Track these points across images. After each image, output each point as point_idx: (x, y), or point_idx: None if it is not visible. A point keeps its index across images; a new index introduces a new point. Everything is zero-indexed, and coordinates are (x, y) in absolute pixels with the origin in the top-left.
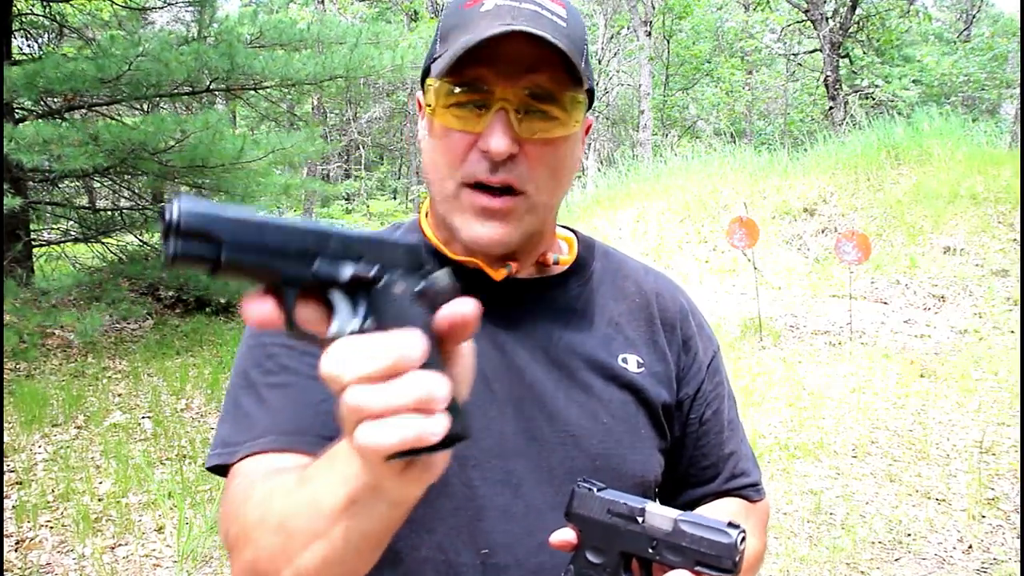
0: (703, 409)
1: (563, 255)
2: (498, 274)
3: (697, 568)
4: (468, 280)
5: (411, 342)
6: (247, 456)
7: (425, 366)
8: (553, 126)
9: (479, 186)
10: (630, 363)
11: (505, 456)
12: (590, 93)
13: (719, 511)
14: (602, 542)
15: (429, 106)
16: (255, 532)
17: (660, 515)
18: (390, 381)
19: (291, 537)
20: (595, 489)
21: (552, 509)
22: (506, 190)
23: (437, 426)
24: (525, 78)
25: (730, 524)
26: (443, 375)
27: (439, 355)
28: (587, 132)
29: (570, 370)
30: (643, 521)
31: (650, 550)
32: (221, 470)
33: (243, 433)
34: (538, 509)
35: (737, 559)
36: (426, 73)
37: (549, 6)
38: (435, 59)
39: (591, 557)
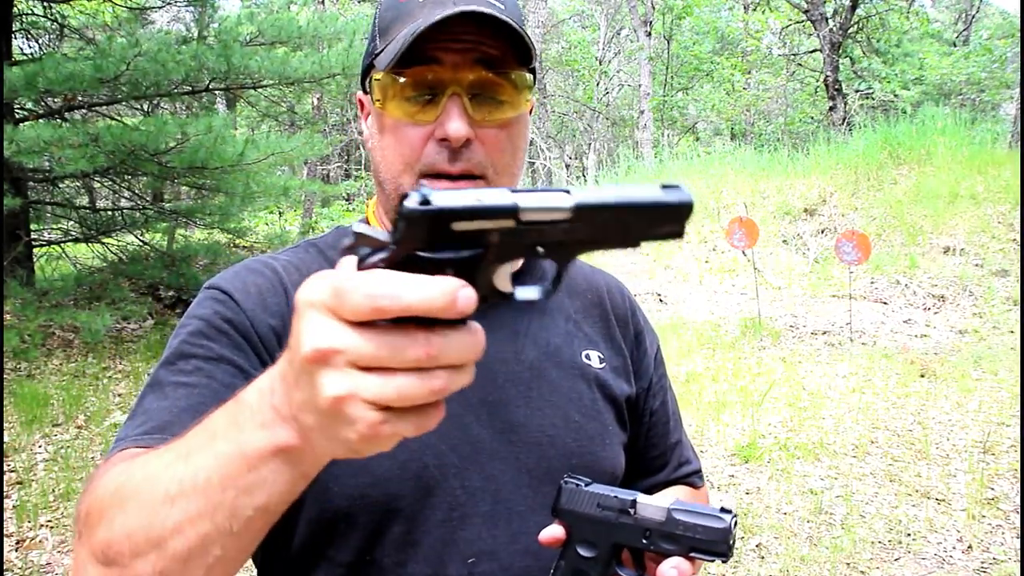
0: (653, 401)
1: None
2: None
3: (692, 554)
4: None
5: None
6: (129, 447)
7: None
8: (505, 108)
9: (439, 176)
10: (592, 359)
11: (483, 462)
12: (532, 72)
13: (670, 498)
14: (593, 536)
15: (378, 101)
16: (111, 509)
17: (652, 505)
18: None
19: (160, 515)
20: (583, 485)
21: (532, 512)
22: (466, 177)
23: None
24: (474, 62)
25: (723, 509)
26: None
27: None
28: (530, 113)
29: (538, 369)
30: (635, 513)
31: (644, 540)
32: None
33: (136, 428)
34: (520, 513)
35: (731, 543)
36: (368, 69)
37: None
38: (376, 54)
39: (582, 551)
